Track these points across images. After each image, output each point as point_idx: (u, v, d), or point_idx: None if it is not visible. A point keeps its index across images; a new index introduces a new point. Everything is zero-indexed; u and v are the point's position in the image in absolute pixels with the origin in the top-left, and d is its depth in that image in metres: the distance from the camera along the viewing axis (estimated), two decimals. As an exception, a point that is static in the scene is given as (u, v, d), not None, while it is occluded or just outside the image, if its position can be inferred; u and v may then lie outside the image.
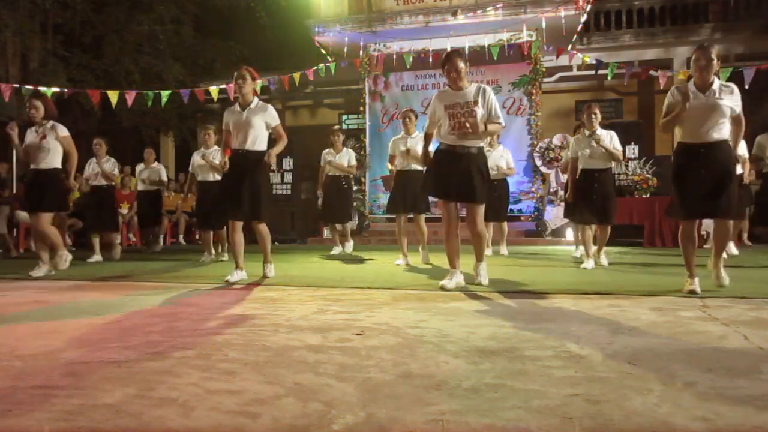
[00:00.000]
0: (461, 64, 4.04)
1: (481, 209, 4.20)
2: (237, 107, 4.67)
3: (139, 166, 8.42)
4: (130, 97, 10.59)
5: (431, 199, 5.74)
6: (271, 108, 4.71)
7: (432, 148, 4.36)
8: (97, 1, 12.88)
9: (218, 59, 14.08)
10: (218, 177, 6.45)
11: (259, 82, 4.97)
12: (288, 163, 12.08)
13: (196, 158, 7.00)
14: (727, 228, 3.88)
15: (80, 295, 4.01)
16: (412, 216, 6.22)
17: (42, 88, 9.28)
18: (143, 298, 3.73)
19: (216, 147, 6.84)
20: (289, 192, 12.16)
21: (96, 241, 7.25)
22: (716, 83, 3.73)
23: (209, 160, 6.71)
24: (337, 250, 7.91)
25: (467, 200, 4.14)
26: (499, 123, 4.13)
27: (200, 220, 7.16)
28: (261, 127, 4.62)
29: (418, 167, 6.01)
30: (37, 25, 12.46)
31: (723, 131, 3.73)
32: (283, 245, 10.61)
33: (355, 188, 9.35)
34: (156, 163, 8.54)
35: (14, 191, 10.06)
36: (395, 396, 1.65)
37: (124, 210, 9.88)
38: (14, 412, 1.55)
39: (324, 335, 2.48)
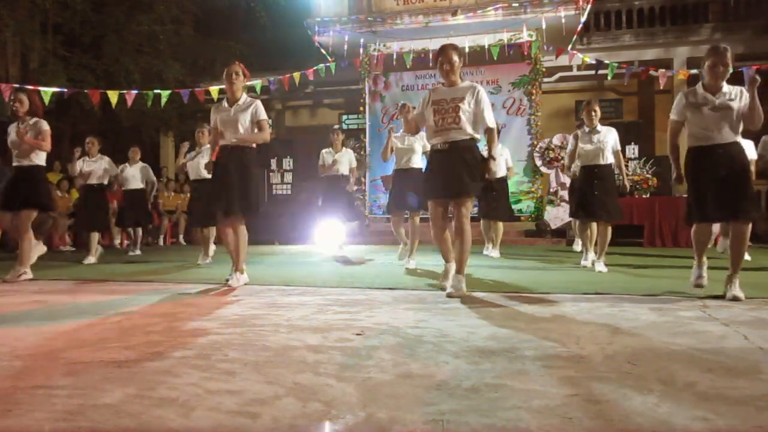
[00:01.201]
0: (455, 57, 3.94)
1: (468, 205, 3.92)
2: (225, 104, 4.59)
3: (124, 167, 8.26)
4: (130, 97, 10.57)
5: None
6: (259, 104, 4.61)
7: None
8: (97, 1, 12.85)
9: (218, 59, 14.03)
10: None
11: (259, 83, 4.95)
12: (288, 163, 12.08)
13: (190, 157, 7.02)
14: (745, 234, 3.64)
15: (80, 295, 4.01)
16: (407, 215, 6.22)
17: (42, 88, 9.26)
18: (143, 298, 3.73)
19: (208, 145, 6.81)
20: (289, 192, 12.14)
21: (93, 241, 7.20)
22: (726, 85, 3.72)
23: (180, 167, 6.88)
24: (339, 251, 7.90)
25: (457, 196, 3.86)
26: (490, 127, 3.95)
27: (191, 217, 7.15)
28: (249, 124, 4.54)
29: (416, 166, 6.00)
30: (37, 25, 12.42)
31: (735, 133, 3.70)
32: (283, 245, 10.60)
33: (355, 188, 9.33)
34: (140, 162, 8.42)
35: None
36: (395, 396, 1.65)
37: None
38: (14, 412, 1.55)
39: (324, 335, 2.48)
